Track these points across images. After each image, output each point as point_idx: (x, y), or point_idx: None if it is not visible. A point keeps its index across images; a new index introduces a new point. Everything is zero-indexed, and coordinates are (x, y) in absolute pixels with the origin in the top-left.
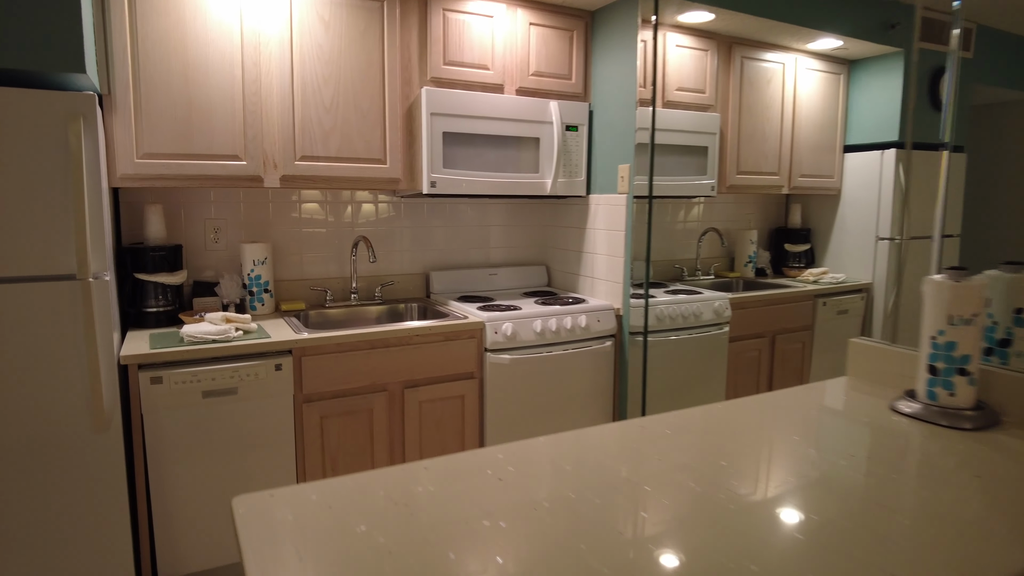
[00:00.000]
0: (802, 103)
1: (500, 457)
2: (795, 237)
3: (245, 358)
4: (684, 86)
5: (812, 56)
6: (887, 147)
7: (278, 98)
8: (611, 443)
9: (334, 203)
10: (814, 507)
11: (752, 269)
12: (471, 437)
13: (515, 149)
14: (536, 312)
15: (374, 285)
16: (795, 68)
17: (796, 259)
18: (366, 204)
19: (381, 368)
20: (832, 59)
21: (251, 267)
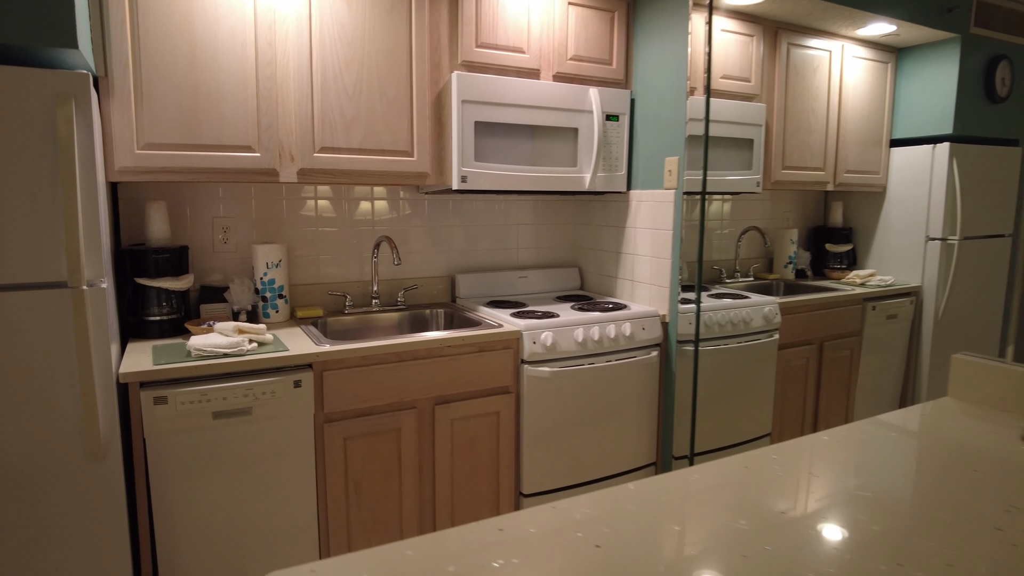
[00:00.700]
0: (848, 94)
1: (582, 515)
2: (836, 237)
3: (261, 374)
4: (729, 74)
5: (859, 43)
6: (938, 141)
7: (295, 83)
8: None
9: (352, 200)
10: None
11: (792, 271)
12: (506, 459)
13: (551, 140)
14: (576, 319)
15: (396, 289)
16: (842, 56)
17: (837, 260)
18: (387, 201)
19: (410, 383)
20: (880, 46)
21: (264, 270)
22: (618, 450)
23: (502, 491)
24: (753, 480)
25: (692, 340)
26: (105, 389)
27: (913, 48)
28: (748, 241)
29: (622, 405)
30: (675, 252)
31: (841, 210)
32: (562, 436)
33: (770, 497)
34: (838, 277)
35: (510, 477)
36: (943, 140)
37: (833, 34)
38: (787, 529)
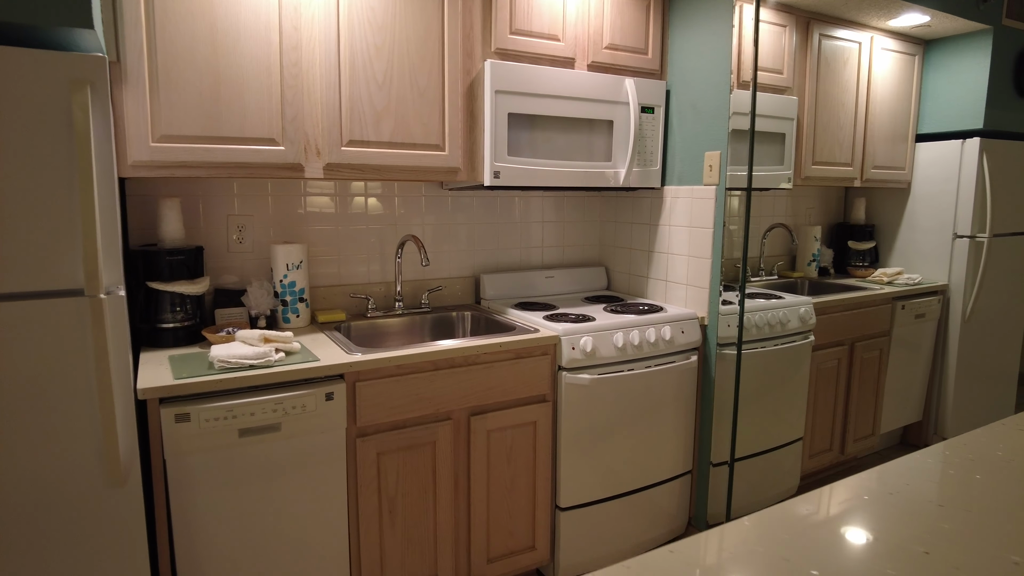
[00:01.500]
0: (876, 87)
1: None
2: (859, 234)
3: (290, 386)
4: (762, 65)
5: (888, 35)
6: (966, 136)
7: (322, 71)
8: None
9: (373, 197)
10: None
11: (815, 268)
12: (543, 471)
13: (586, 134)
14: (614, 323)
15: (419, 291)
16: (871, 48)
17: (860, 258)
18: (408, 198)
19: (446, 393)
20: (908, 38)
21: (284, 272)
22: (655, 459)
23: (538, 505)
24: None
25: (731, 343)
26: (125, 408)
27: (941, 40)
28: (772, 238)
29: (660, 412)
30: (716, 251)
31: (864, 207)
32: (599, 446)
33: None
34: (863, 275)
35: (546, 490)
36: (971, 135)
37: (863, 25)
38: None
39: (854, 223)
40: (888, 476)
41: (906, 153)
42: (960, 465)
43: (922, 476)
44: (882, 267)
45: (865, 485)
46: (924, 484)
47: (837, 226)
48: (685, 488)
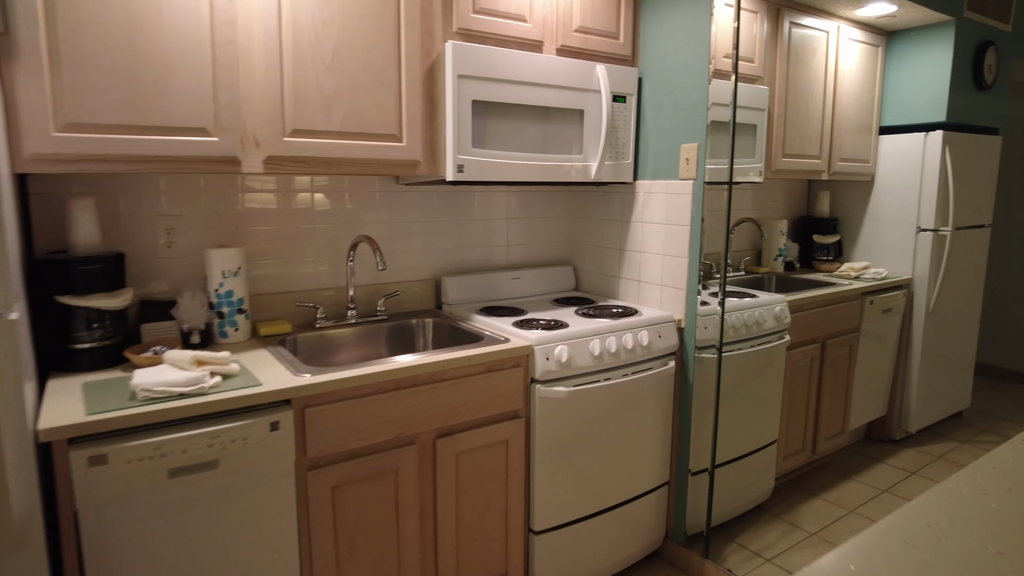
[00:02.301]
0: (842, 78)
1: None
2: (824, 227)
3: (228, 416)
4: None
5: (854, 25)
6: (928, 129)
7: (262, 49)
8: None
9: (323, 193)
10: None
11: (782, 263)
12: (515, 494)
13: (555, 124)
14: (589, 329)
15: (375, 297)
16: (838, 38)
17: (824, 251)
18: (359, 193)
19: (409, 414)
20: (872, 29)
21: (220, 280)
22: (633, 472)
23: (511, 530)
24: None
25: (708, 346)
26: (21, 453)
27: (904, 32)
28: (738, 233)
29: (637, 422)
30: (694, 250)
31: (828, 200)
32: (575, 463)
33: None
34: (829, 269)
35: (519, 514)
36: (934, 128)
37: (831, 14)
38: None
39: (818, 216)
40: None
41: (870, 145)
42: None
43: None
44: (846, 260)
45: (902, 525)
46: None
47: (801, 219)
48: (662, 500)
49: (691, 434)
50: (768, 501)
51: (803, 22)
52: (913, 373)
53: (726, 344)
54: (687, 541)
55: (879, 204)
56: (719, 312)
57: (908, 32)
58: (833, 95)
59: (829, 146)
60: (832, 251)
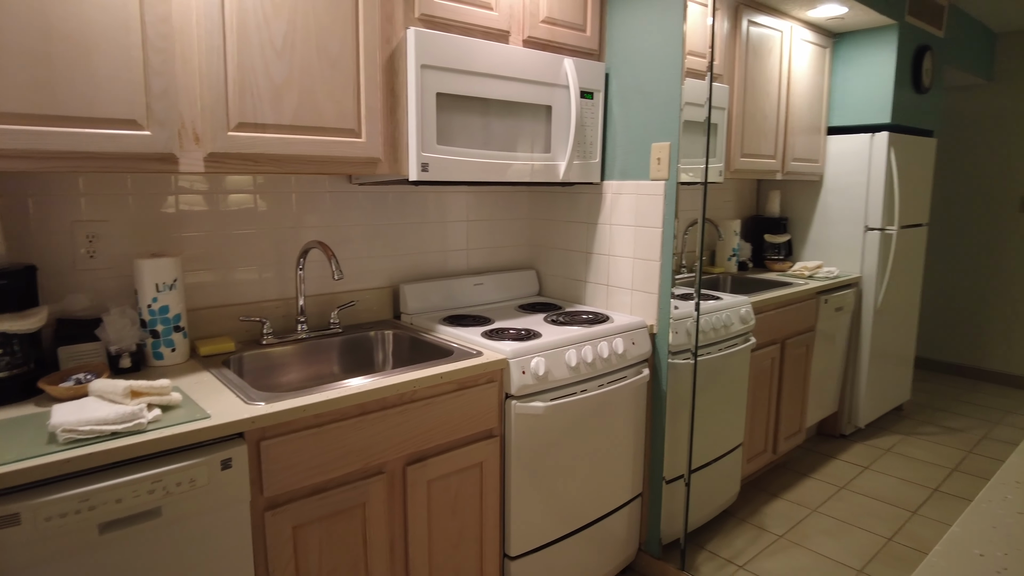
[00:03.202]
0: (795, 78)
1: None
2: (775, 227)
3: (172, 456)
4: (694, 50)
5: (804, 25)
6: (874, 130)
7: (202, 30)
8: None
9: (268, 193)
10: None
11: (736, 263)
12: (491, 518)
13: (523, 120)
14: (564, 339)
15: (327, 308)
16: (791, 38)
17: (775, 251)
18: (311, 194)
19: (377, 441)
20: (820, 30)
21: (153, 294)
22: (609, 486)
23: (486, 559)
24: None
25: (681, 351)
26: None
27: (850, 34)
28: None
29: (613, 434)
30: (666, 254)
31: (779, 199)
32: (551, 481)
33: None
34: (781, 268)
35: (494, 540)
36: (879, 129)
37: (785, 14)
38: None
39: (769, 216)
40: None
41: (820, 146)
42: None
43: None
44: (797, 259)
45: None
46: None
47: (752, 219)
48: (636, 512)
49: (665, 442)
50: (733, 505)
51: (760, 21)
52: (862, 369)
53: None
54: (661, 552)
55: (828, 204)
56: (690, 316)
57: (854, 35)
58: (787, 95)
59: (783, 146)
60: (783, 250)
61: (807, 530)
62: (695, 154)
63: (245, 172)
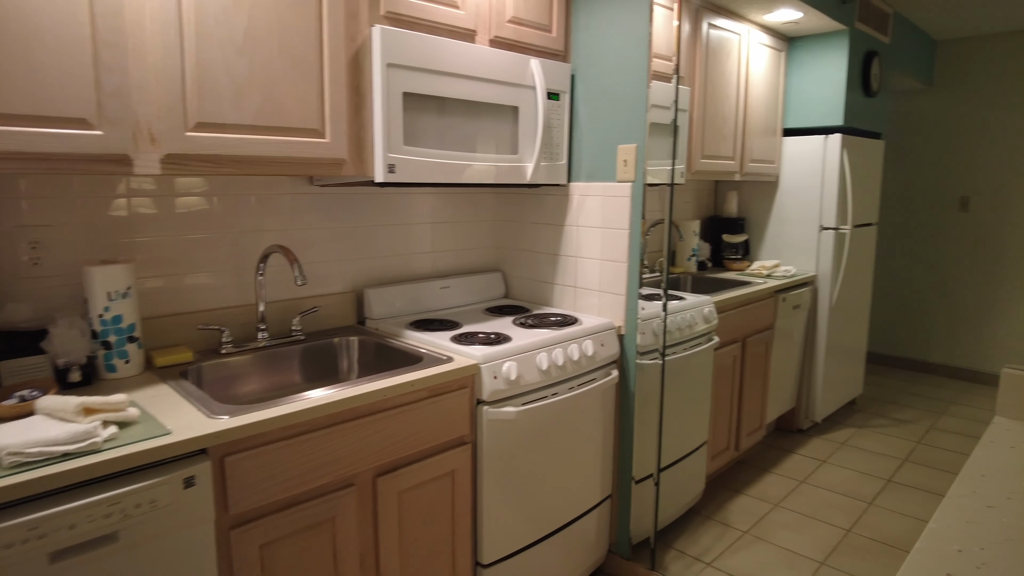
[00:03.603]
0: (752, 81)
1: None
2: (733, 227)
3: (131, 476)
4: (658, 52)
5: (761, 29)
6: (827, 132)
7: (157, 25)
8: None
9: (226, 195)
10: None
11: (695, 263)
12: (462, 527)
13: (490, 121)
14: (535, 342)
15: (289, 314)
16: (748, 41)
17: (734, 250)
18: (270, 196)
19: (347, 452)
20: (775, 34)
21: (105, 303)
22: (578, 489)
23: (458, 567)
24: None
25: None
26: None
27: (803, 38)
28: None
29: (583, 436)
30: (633, 255)
31: (736, 200)
32: (523, 487)
33: None
34: (739, 268)
35: (466, 548)
36: (833, 131)
37: (743, 17)
38: None
39: (727, 216)
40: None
41: (776, 147)
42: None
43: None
44: (754, 259)
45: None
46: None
47: (710, 219)
48: (605, 514)
49: (633, 443)
50: (698, 503)
51: (719, 24)
52: (818, 365)
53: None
54: (631, 553)
55: (783, 204)
56: (657, 316)
57: (807, 39)
58: (745, 97)
59: (741, 147)
60: (741, 250)
61: (770, 525)
62: (659, 156)
63: (205, 174)
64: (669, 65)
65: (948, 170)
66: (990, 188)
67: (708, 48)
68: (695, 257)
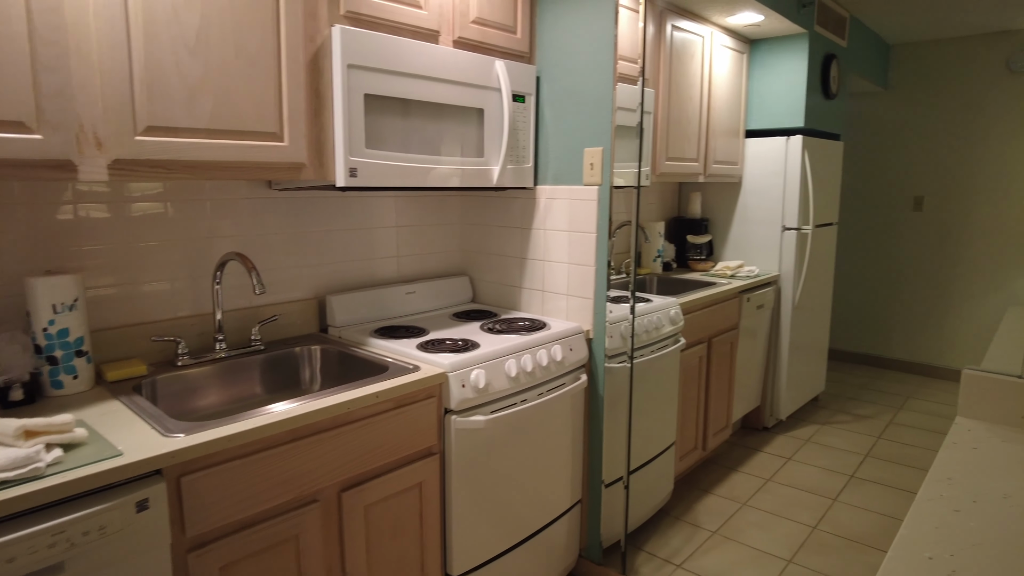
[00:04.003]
0: (716, 82)
1: None
2: (697, 228)
3: (78, 502)
4: (622, 55)
5: (724, 31)
6: (788, 133)
7: (102, 22)
8: None
9: (179, 200)
10: None
11: (660, 264)
12: (431, 539)
13: (455, 123)
14: (503, 348)
15: (248, 324)
16: (711, 43)
17: (698, 251)
18: (226, 201)
19: (310, 468)
20: (738, 36)
21: (50, 316)
22: (549, 495)
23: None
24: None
25: (616, 355)
26: None
27: (764, 41)
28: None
29: (553, 442)
30: (600, 259)
31: (700, 201)
32: (493, 495)
33: None
34: (704, 268)
35: (436, 560)
36: (794, 133)
37: (706, 19)
38: None
39: (691, 217)
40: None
41: (739, 148)
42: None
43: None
44: (718, 259)
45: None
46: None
47: (674, 220)
48: (576, 519)
49: (603, 447)
50: (668, 504)
51: (683, 26)
52: (782, 363)
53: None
54: (601, 557)
55: (746, 204)
56: (624, 319)
57: (768, 41)
58: (708, 99)
59: (705, 149)
60: (705, 251)
61: (739, 524)
62: (624, 158)
63: (156, 180)
64: (633, 67)
65: (902, 170)
66: (942, 188)
67: (672, 50)
68: (660, 258)
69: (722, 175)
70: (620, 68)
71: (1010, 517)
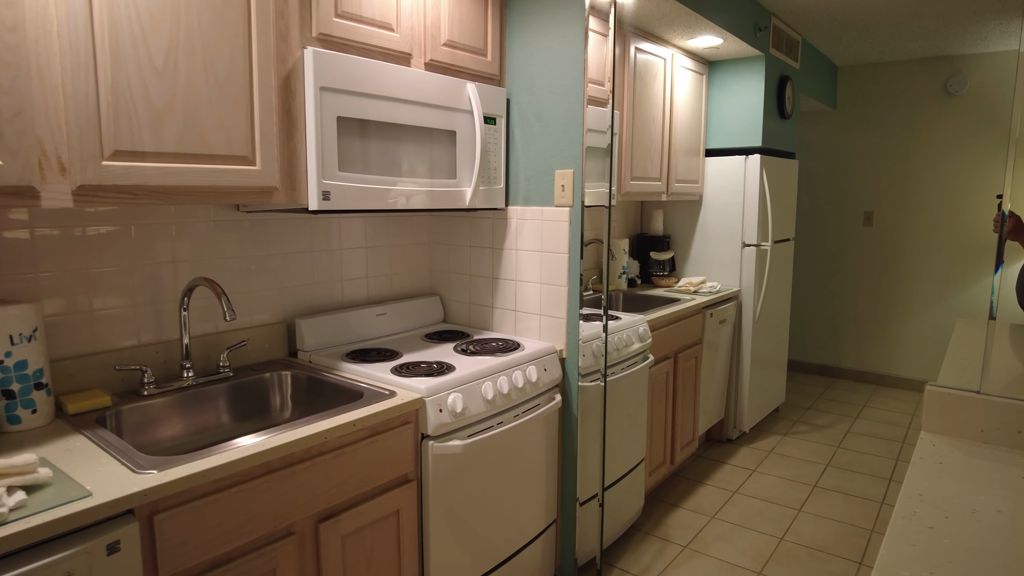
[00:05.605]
0: (677, 103)
1: None
2: (659, 245)
3: (44, 548)
4: (590, 77)
5: (684, 53)
6: (746, 152)
7: (65, 44)
8: None
9: (142, 223)
10: None
11: (626, 280)
12: (409, 567)
13: (428, 145)
14: (479, 370)
15: (216, 350)
16: (672, 65)
17: (661, 267)
18: (191, 224)
19: (285, 500)
20: (697, 58)
21: (6, 349)
22: (525, 517)
23: None
24: None
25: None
26: None
27: (722, 62)
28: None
29: (528, 464)
30: (572, 279)
31: (662, 218)
32: (470, 521)
33: None
34: (667, 284)
35: None
36: (752, 152)
37: (667, 42)
38: None
39: (653, 234)
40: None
41: (699, 167)
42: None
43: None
44: (681, 275)
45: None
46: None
47: (637, 237)
48: (551, 539)
49: (577, 466)
50: (638, 519)
51: (646, 48)
52: (744, 376)
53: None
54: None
55: (707, 222)
56: (597, 338)
57: (726, 63)
58: (670, 119)
59: (667, 168)
60: (667, 267)
61: (707, 537)
62: (592, 178)
63: (122, 205)
64: (600, 89)
65: (852, 187)
66: (890, 203)
67: (636, 72)
68: (625, 275)
69: (683, 193)
70: (592, 90)
71: (979, 532)
